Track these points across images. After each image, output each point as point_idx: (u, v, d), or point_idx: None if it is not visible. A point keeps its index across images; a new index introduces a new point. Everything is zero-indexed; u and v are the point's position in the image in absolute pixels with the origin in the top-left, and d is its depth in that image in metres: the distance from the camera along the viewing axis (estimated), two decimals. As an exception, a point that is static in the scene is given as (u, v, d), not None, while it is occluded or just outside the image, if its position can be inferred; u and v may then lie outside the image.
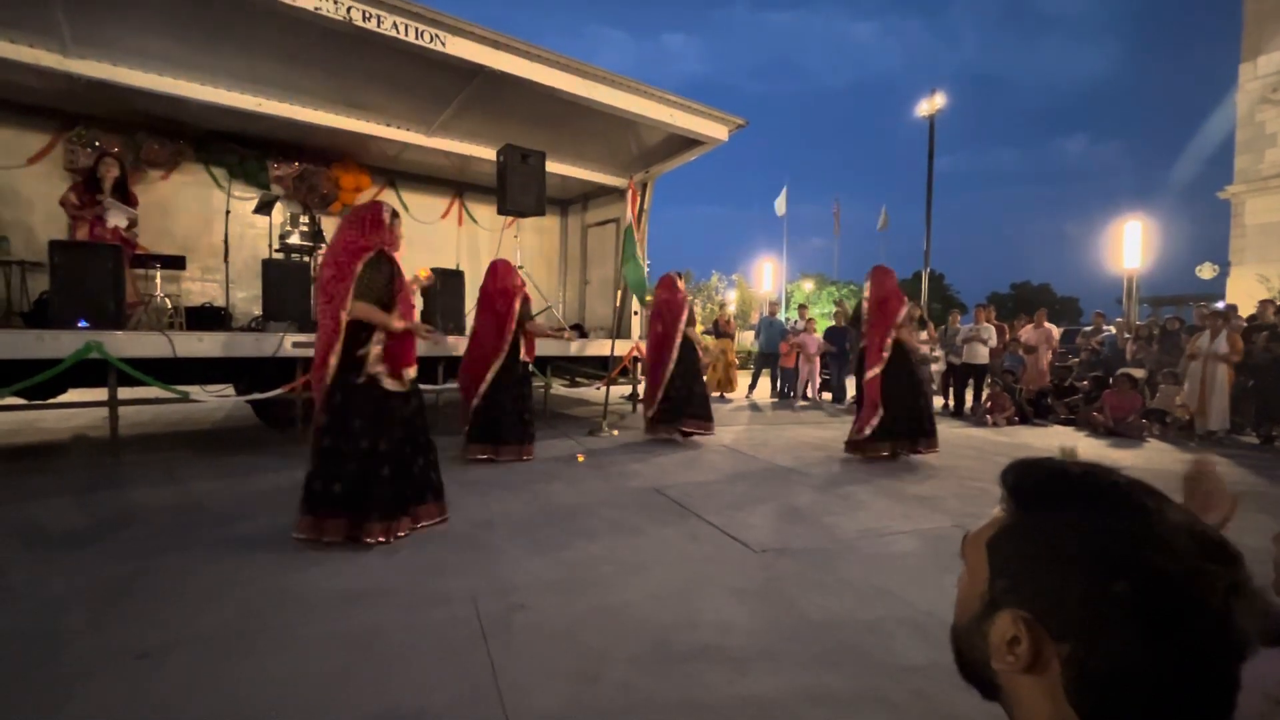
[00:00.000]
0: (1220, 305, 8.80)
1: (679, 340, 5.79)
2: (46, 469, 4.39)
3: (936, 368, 9.71)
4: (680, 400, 5.77)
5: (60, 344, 4.19)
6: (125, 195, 5.56)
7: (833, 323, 10.91)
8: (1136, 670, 0.45)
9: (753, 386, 10.96)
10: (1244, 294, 11.74)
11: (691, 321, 5.96)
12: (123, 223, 5.43)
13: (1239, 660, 0.45)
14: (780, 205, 27.14)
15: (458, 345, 5.56)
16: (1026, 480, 0.55)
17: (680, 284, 6.08)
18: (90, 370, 4.36)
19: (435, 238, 8.53)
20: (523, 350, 4.91)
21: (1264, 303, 8.04)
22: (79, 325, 4.36)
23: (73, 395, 4.88)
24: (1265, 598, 0.47)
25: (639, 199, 8.01)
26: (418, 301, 4.54)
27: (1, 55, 4.79)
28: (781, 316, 12.65)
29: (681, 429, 5.77)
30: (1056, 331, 9.85)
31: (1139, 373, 8.22)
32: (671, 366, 5.76)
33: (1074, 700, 0.47)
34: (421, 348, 3.54)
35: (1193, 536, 0.47)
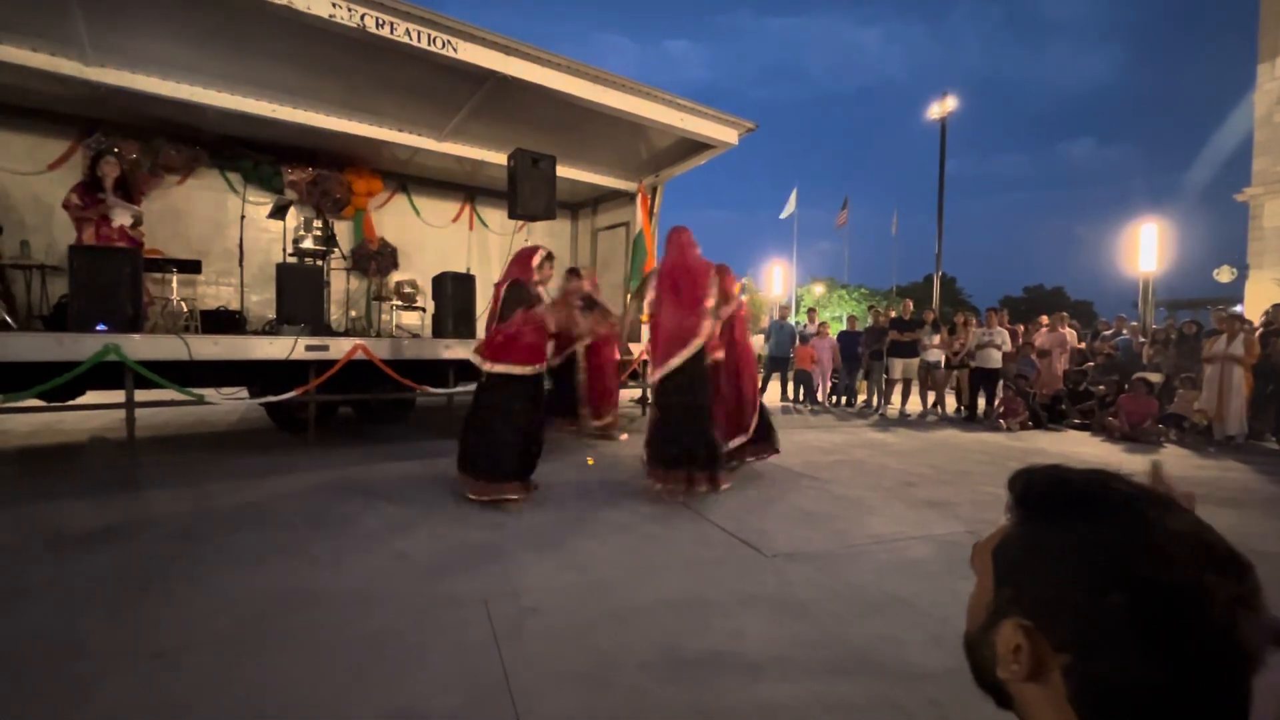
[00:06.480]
0: (1238, 309, 8.67)
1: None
2: (65, 470, 4.45)
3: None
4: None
5: (79, 347, 4.25)
6: (128, 193, 5.55)
7: (845, 327, 10.86)
8: (1136, 682, 0.44)
9: (762, 390, 10.92)
10: (1263, 297, 11.57)
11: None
12: (128, 220, 5.45)
13: (1248, 673, 0.44)
14: (790, 206, 27.20)
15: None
16: (1032, 488, 0.55)
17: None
18: (108, 373, 4.42)
19: (446, 242, 8.58)
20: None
21: (1277, 306, 7.92)
22: (97, 329, 4.42)
23: (91, 397, 4.96)
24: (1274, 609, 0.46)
25: (649, 203, 8.03)
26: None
27: (23, 63, 4.90)
28: (792, 320, 12.61)
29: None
30: (1072, 335, 9.72)
31: (1156, 377, 8.10)
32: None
33: (1078, 710, 0.47)
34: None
35: (1196, 546, 0.46)
